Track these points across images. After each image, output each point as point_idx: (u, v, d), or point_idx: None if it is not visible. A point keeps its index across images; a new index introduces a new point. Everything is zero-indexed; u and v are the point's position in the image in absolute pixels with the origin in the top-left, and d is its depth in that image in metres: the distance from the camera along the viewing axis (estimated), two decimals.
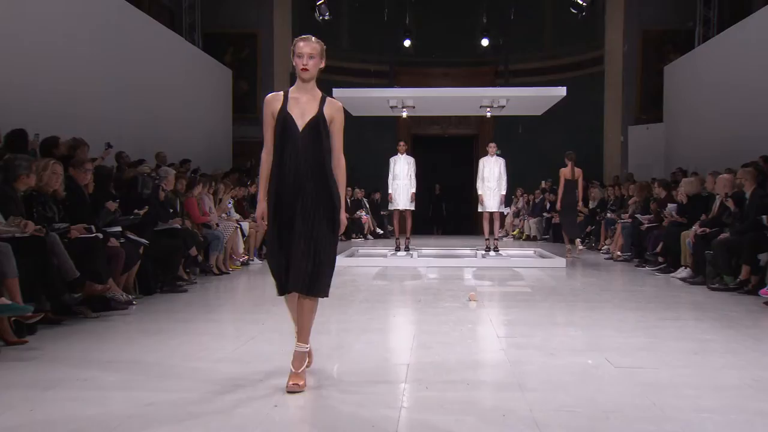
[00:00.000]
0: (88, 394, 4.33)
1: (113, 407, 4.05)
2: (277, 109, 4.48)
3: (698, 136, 16.44)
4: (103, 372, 4.85)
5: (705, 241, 9.60)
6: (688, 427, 3.69)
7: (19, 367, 5.04)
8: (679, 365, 5.08)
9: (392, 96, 13.08)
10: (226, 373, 4.87)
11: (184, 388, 4.42)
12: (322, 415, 3.89)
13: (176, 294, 8.55)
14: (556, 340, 5.91)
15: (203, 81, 17.69)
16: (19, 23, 9.98)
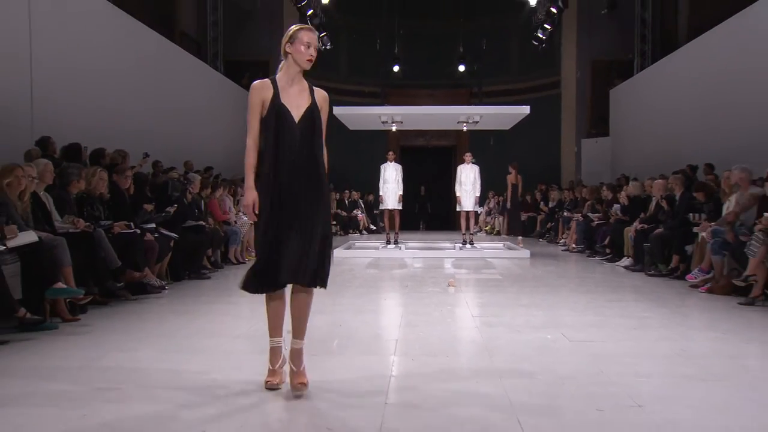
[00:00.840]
0: (129, 363, 4.36)
1: (150, 375, 4.08)
2: (268, 98, 3.90)
3: (638, 148, 16.51)
4: (141, 344, 4.89)
5: (643, 235, 9.66)
6: (628, 389, 3.73)
7: (74, 339, 5.09)
8: (621, 338, 5.12)
9: (383, 113, 13.08)
10: (241, 346, 4.92)
11: (208, 359, 4.45)
12: (323, 381, 3.91)
13: (201, 280, 8.56)
14: (521, 318, 5.93)
15: (224, 101, 17.65)
16: (75, 56, 10.04)
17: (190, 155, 12.90)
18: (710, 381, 3.95)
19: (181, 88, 14.26)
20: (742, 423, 3.21)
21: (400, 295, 7.74)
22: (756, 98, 11.08)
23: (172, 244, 8.07)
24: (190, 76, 15.10)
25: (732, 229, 7.50)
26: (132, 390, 3.74)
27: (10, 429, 3.14)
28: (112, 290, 6.68)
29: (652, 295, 7.46)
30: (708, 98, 12.83)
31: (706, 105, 12.90)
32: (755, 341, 5.24)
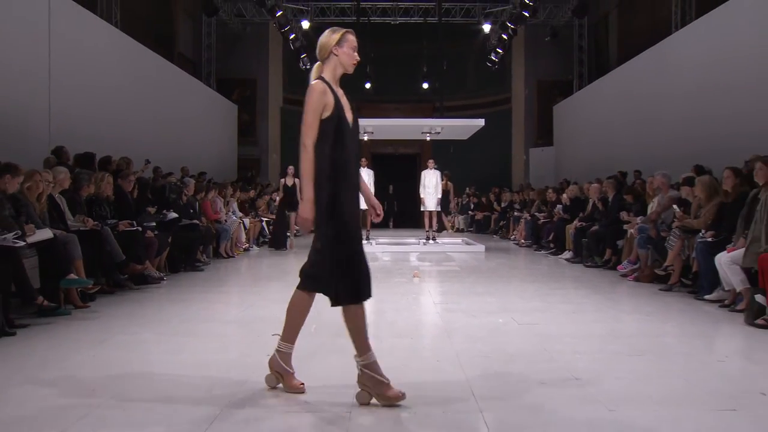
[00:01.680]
0: (132, 345, 4.35)
1: (151, 355, 4.08)
2: (331, 103, 3.12)
3: (578, 156, 16.71)
4: (143, 329, 4.87)
5: (582, 232, 9.75)
6: (568, 364, 3.80)
7: (85, 324, 5.06)
8: (562, 321, 5.20)
9: None
10: (231, 330, 4.91)
11: (203, 342, 4.45)
12: (302, 360, 3.92)
13: (195, 272, 8.49)
14: (476, 305, 5.98)
15: (216, 114, 17.56)
16: (87, 75, 10.02)
17: (185, 161, 12.80)
18: (636, 356, 4.04)
19: (179, 102, 14.18)
20: (661, 390, 3.30)
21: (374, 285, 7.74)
22: (673, 114, 11.36)
23: (169, 241, 8.01)
24: (187, 92, 15.02)
25: (654, 226, 7.65)
26: (134, 367, 3.73)
27: (33, 398, 3.13)
28: (117, 281, 6.66)
29: (589, 283, 7.57)
30: (635, 114, 13.07)
31: (633, 120, 13.14)
32: (673, 322, 5.36)
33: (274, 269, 9.28)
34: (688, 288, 6.68)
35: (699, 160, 8.89)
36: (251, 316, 5.48)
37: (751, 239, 5.32)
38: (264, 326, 4.96)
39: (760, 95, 8.79)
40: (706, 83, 10.35)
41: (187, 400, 3.13)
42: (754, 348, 4.45)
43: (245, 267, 9.74)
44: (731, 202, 6.23)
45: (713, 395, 3.24)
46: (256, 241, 12.56)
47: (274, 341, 4.34)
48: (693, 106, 10.67)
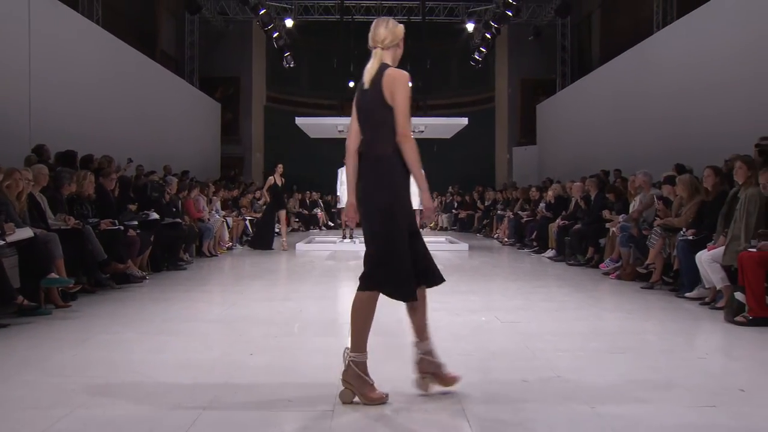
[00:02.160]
0: (114, 344, 4.31)
1: (133, 354, 4.04)
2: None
3: (561, 155, 16.82)
4: (125, 328, 4.83)
5: (565, 230, 9.79)
6: (550, 362, 3.82)
7: (66, 323, 5.00)
8: (545, 319, 5.22)
9: (340, 123, 13.00)
10: (214, 329, 4.88)
11: (185, 341, 4.41)
12: (285, 359, 3.92)
13: (178, 271, 8.44)
14: (459, 303, 5.97)
15: (199, 112, 17.48)
16: (68, 73, 9.94)
17: (168, 160, 12.73)
18: (617, 353, 4.08)
19: (161, 100, 14.11)
20: (642, 387, 3.32)
21: (354, 283, 7.66)
22: (655, 114, 11.47)
23: (152, 239, 7.94)
24: (169, 91, 14.94)
25: (636, 224, 7.71)
26: (116, 366, 3.70)
27: (12, 398, 3.09)
28: (99, 280, 6.58)
29: (571, 281, 7.62)
30: (618, 113, 13.18)
31: (616, 119, 13.25)
32: (653, 319, 5.41)
33: (258, 268, 9.24)
34: (670, 286, 6.74)
35: (680, 159, 8.98)
36: (234, 315, 5.45)
37: (731, 237, 5.39)
38: (247, 325, 4.95)
39: (739, 95, 8.90)
40: (687, 83, 10.47)
41: (170, 400, 3.10)
42: (734, 345, 4.51)
43: (228, 266, 9.70)
44: (711, 201, 6.30)
45: (694, 392, 3.27)
46: (239, 240, 12.50)
47: (257, 340, 4.35)
48: (674, 105, 10.79)
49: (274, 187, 11.89)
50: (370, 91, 3.07)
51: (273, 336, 4.58)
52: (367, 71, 3.11)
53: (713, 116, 9.49)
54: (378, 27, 3.20)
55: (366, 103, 3.09)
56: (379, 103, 3.01)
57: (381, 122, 3.02)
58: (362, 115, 3.11)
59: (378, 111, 3.01)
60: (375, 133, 3.05)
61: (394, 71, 3.04)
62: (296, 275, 8.23)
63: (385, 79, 3.01)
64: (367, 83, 3.08)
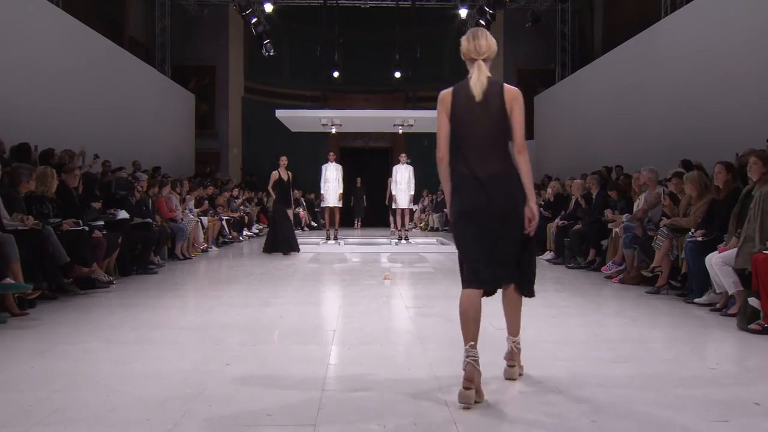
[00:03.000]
0: (77, 354, 4.26)
1: (98, 365, 3.99)
2: None
3: (560, 151, 16.89)
4: (89, 337, 4.78)
5: (564, 231, 9.83)
6: (547, 371, 3.81)
7: (23, 333, 4.94)
8: (543, 326, 5.20)
9: (323, 116, 13.07)
10: (187, 338, 4.85)
11: (155, 350, 4.37)
12: (264, 369, 3.89)
13: (148, 275, 8.39)
14: (451, 309, 5.86)
15: (172, 104, 17.39)
16: (25, 59, 9.81)
17: (137, 155, 12.67)
18: (620, 363, 4.07)
19: (130, 91, 14.02)
20: (647, 399, 3.32)
21: (339, 288, 7.74)
22: (661, 106, 11.49)
23: (120, 241, 7.88)
24: (138, 80, 14.85)
25: (641, 224, 7.74)
26: (79, 379, 3.65)
27: None
28: (61, 285, 6.51)
29: (571, 285, 7.64)
30: (621, 105, 13.23)
31: (619, 112, 13.30)
32: (660, 326, 5.43)
33: (235, 272, 9.19)
34: (677, 291, 6.77)
35: (688, 155, 9.01)
36: (209, 321, 5.41)
37: (744, 239, 5.36)
38: (223, 333, 4.92)
39: (752, 85, 8.94)
40: (695, 72, 10.50)
41: (138, 415, 3.07)
42: (748, 354, 4.52)
43: (203, 269, 9.64)
44: (722, 199, 6.31)
45: (703, 405, 3.27)
46: (215, 242, 12.45)
47: (234, 348, 4.32)
48: (682, 96, 10.82)
49: (280, 183, 11.64)
50: (484, 103, 3.41)
51: (251, 344, 4.55)
52: (474, 84, 3.45)
53: (724, 108, 9.54)
54: (478, 39, 3.57)
55: (479, 115, 3.42)
56: (499, 116, 3.41)
57: (498, 134, 3.42)
58: (472, 126, 3.44)
59: (498, 123, 3.41)
60: (493, 144, 3.43)
61: (513, 88, 3.48)
62: (277, 279, 8.20)
63: (506, 94, 3.42)
64: (479, 96, 3.41)
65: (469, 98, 3.44)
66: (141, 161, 12.46)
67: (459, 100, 3.47)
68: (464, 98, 3.45)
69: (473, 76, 3.49)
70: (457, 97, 3.48)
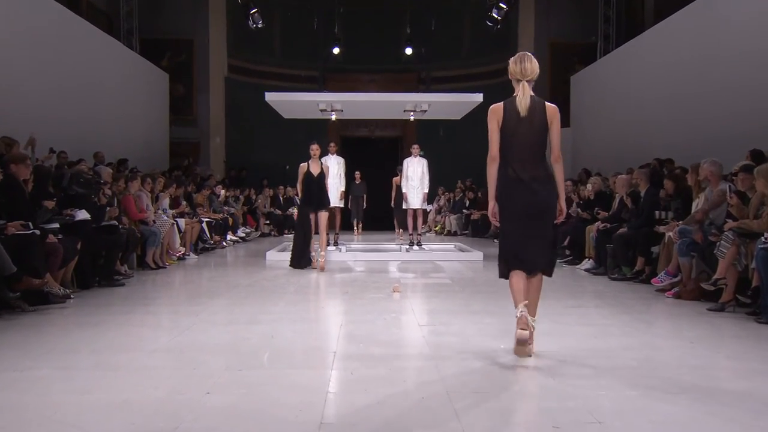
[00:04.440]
0: (26, 383, 4.23)
1: (51, 396, 3.97)
2: None
3: (601, 140, 16.81)
4: (40, 362, 4.75)
5: (606, 235, 9.80)
6: (587, 403, 3.78)
7: None
8: (580, 348, 5.19)
9: (322, 100, 13.04)
10: (160, 362, 4.83)
11: (122, 378, 4.35)
12: (251, 399, 3.88)
13: (113, 288, 8.37)
14: (472, 327, 5.95)
15: (141, 84, 17.37)
16: None
17: (100, 146, 12.64)
18: (675, 394, 4.03)
19: (89, 68, 13.89)
20: None
21: (339, 302, 7.72)
22: (728, 85, 11.29)
23: (78, 247, 7.87)
24: (100, 56, 14.75)
25: (700, 228, 7.68)
26: (28, 413, 3.63)
27: None
28: (7, 300, 6.48)
29: (615, 300, 7.61)
30: (677, 85, 13.08)
31: (675, 93, 13.15)
32: (725, 351, 5.37)
33: (218, 283, 9.19)
34: (747, 308, 6.71)
35: (758, 144, 8.92)
36: (186, 342, 5.40)
37: None
38: (203, 356, 4.90)
39: None
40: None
41: None
42: None
43: (180, 280, 9.64)
44: None
45: None
46: (193, 248, 12.46)
47: (216, 374, 4.31)
48: (750, 74, 10.62)
49: (308, 178, 10.69)
50: (529, 119, 4.84)
51: (236, 369, 4.54)
52: (520, 102, 4.85)
53: None
54: (524, 62, 4.89)
55: (524, 128, 4.85)
56: (543, 130, 4.88)
57: (541, 145, 4.90)
58: (518, 137, 4.87)
59: (541, 135, 4.88)
60: (535, 153, 4.90)
61: (553, 105, 4.94)
62: (266, 292, 8.18)
63: (548, 111, 4.89)
64: (524, 112, 4.83)
65: (516, 113, 4.84)
66: (104, 152, 12.45)
67: (508, 113, 4.86)
68: (512, 113, 4.85)
69: (519, 95, 4.86)
70: (507, 111, 4.87)
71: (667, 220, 8.69)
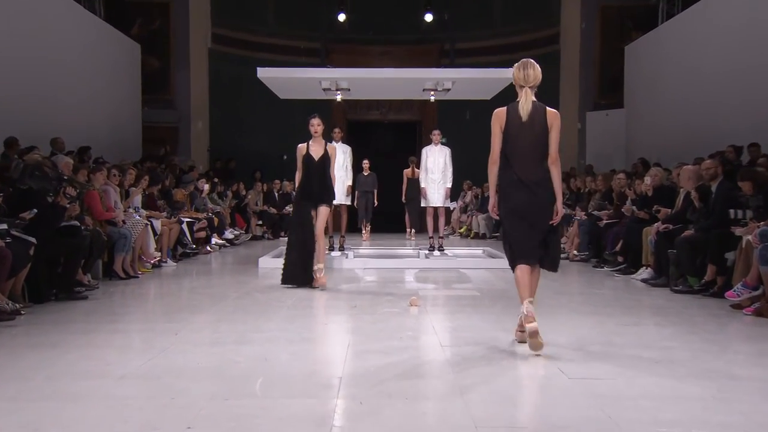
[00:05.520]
0: None
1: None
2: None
3: (662, 123, 16.69)
4: None
5: (668, 239, 9.72)
6: None
7: None
8: (637, 375, 5.16)
9: (324, 77, 13.03)
10: (131, 390, 4.83)
11: (83, 409, 4.36)
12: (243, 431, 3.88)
13: (74, 302, 8.36)
14: (506, 348, 5.95)
15: (106, 56, 17.21)
16: None
17: (59, 130, 12.65)
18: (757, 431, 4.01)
19: (44, 37, 13.79)
20: None
21: (346, 318, 7.72)
22: None
23: (31, 252, 7.88)
24: (57, 21, 14.65)
25: None
26: None
27: None
28: None
29: (679, 318, 7.57)
30: (759, 55, 12.90)
31: (756, 64, 12.97)
32: None
33: (201, 295, 9.19)
34: None
35: None
36: (163, 367, 5.40)
37: None
38: (182, 383, 4.91)
39: None
40: None
41: None
42: None
43: (155, 292, 9.68)
44: None
45: None
46: (171, 253, 12.47)
47: (198, 404, 4.32)
48: None
49: (307, 164, 10.11)
50: (530, 124, 5.95)
51: (222, 398, 4.54)
52: (522, 107, 5.95)
53: None
54: (527, 69, 6.00)
55: (525, 132, 5.95)
56: (543, 134, 5.96)
57: (539, 148, 5.97)
58: (519, 141, 5.97)
59: (542, 139, 5.96)
60: (535, 156, 5.97)
61: (553, 111, 6.06)
62: (259, 306, 8.18)
63: (549, 115, 5.98)
64: (525, 117, 5.94)
65: (518, 118, 5.95)
66: (63, 138, 12.46)
67: (510, 118, 5.96)
68: (514, 117, 5.97)
69: (521, 101, 5.96)
70: (510, 115, 5.98)
71: (745, 220, 8.62)
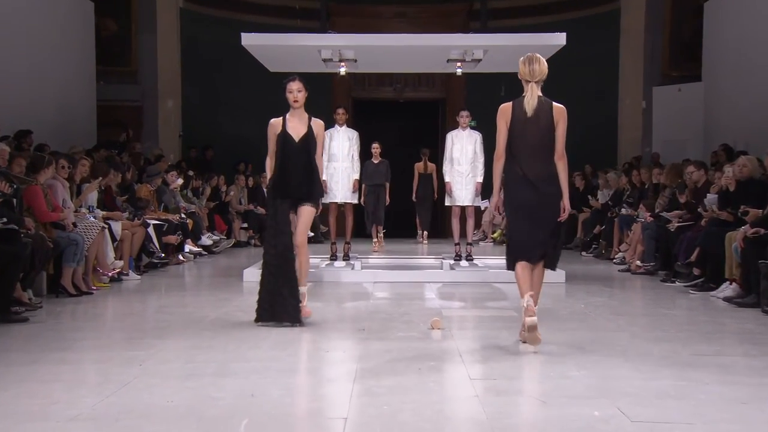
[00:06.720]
0: None
1: None
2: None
3: (751, 100, 16.43)
4: None
5: (759, 248, 9.68)
6: None
7: None
8: (719, 418, 5.13)
9: (325, 45, 13.04)
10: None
11: None
12: None
13: (11, 325, 8.37)
14: (550, 382, 5.98)
15: (51, 16, 17.10)
16: None
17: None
18: None
19: None
20: None
21: (352, 344, 7.73)
22: None
23: None
24: None
25: None
26: None
27: None
28: None
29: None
30: None
31: None
32: None
33: (172, 316, 9.17)
34: None
35: None
36: (123, 406, 5.40)
37: None
38: (149, 425, 4.91)
39: None
40: None
41: None
42: None
43: (114, 312, 9.73)
44: None
45: None
46: (134, 264, 12.48)
47: None
48: None
49: (282, 147, 9.66)
50: (535, 119, 7.04)
51: None
52: (527, 103, 7.03)
53: None
54: (533, 64, 7.06)
55: (531, 128, 7.07)
56: (547, 129, 7.06)
57: (548, 144, 7.09)
58: (525, 137, 7.09)
59: (548, 135, 7.07)
60: (541, 152, 7.11)
61: (560, 106, 7.10)
62: (243, 329, 8.19)
63: (555, 111, 7.08)
64: (530, 112, 7.02)
65: (523, 113, 7.05)
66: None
67: (516, 114, 7.08)
68: (520, 113, 7.07)
69: (527, 96, 7.05)
70: (515, 111, 7.09)
71: None
